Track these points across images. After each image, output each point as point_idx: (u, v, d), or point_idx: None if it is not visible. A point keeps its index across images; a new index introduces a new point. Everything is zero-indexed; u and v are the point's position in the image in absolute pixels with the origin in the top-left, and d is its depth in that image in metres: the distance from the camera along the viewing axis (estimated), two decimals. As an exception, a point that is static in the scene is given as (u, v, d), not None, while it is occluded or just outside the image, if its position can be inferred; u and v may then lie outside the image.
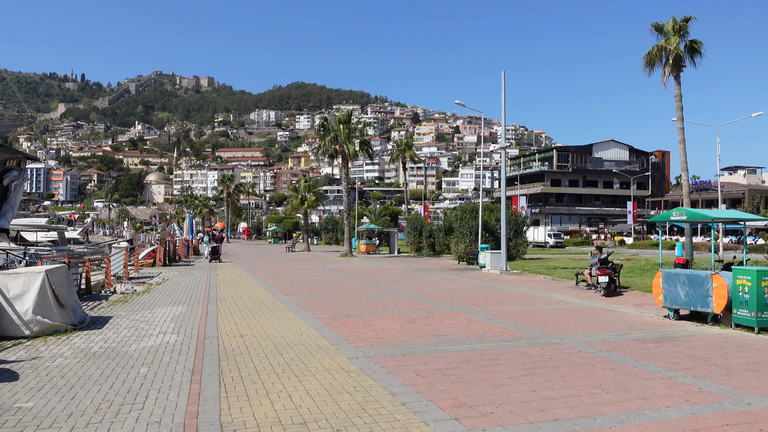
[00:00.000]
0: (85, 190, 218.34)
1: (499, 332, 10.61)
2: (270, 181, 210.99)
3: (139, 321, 11.63)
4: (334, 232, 69.98)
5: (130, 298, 15.65)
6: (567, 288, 18.76)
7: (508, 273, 24.83)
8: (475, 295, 16.47)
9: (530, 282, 20.88)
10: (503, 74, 25.90)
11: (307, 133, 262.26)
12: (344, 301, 15.00)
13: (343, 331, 10.56)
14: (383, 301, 14.92)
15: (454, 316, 12.56)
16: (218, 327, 10.93)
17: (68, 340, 9.68)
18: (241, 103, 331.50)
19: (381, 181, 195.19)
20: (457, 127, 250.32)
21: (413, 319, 12.08)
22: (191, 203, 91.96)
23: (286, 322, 11.59)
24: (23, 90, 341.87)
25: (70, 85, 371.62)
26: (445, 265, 30.37)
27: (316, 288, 18.30)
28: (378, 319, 12.06)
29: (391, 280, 21.17)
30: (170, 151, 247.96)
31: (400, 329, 10.81)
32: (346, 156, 38.97)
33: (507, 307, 14.01)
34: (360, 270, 26.67)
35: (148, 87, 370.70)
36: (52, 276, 10.39)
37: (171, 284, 19.45)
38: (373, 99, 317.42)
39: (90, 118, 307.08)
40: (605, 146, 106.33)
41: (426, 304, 14.41)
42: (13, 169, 32.00)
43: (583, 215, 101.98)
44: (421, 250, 45.56)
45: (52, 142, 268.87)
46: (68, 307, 10.77)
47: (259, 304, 14.27)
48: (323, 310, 13.30)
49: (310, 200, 50.63)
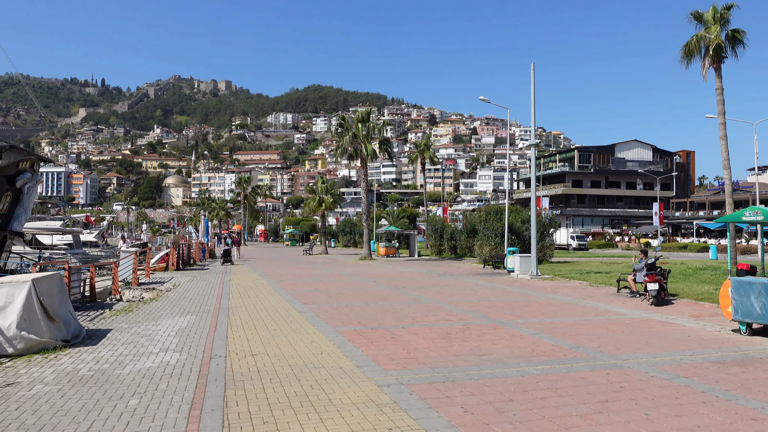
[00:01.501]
0: (105, 194, 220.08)
1: (549, 351, 9.18)
2: (287, 183, 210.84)
3: (140, 335, 10.39)
4: (351, 235, 68.74)
5: (136, 306, 14.46)
6: (608, 295, 17.21)
7: (539, 278, 23.29)
8: (511, 304, 15.01)
9: (565, 288, 19.34)
10: (532, 66, 24.41)
11: (324, 136, 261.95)
12: (367, 310, 13.65)
13: (369, 348, 9.21)
14: (411, 311, 13.53)
15: (493, 329, 11.14)
16: (227, 343, 9.64)
17: (56, 359, 8.45)
18: (259, 106, 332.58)
19: (398, 183, 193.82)
20: (474, 129, 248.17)
21: (447, 333, 10.68)
22: (208, 206, 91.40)
23: (303, 336, 10.27)
24: (45, 95, 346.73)
25: (90, 90, 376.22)
26: (469, 269, 28.90)
27: (335, 295, 16.98)
28: (407, 333, 10.68)
29: (416, 286, 19.77)
30: (188, 154, 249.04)
31: (434, 346, 9.43)
32: (365, 156, 37.65)
33: (550, 319, 12.54)
34: (381, 274, 25.31)
35: (167, 91, 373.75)
36: (41, 286, 9.19)
37: (181, 291, 18.27)
38: (390, 101, 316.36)
39: (110, 122, 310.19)
40: (628, 146, 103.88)
41: (459, 315, 13.00)
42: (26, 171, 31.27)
43: (605, 217, 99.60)
44: (442, 253, 44.07)
45: (73, 147, 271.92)
46: (60, 320, 9.56)
47: (274, 315, 12.98)
48: (345, 321, 11.97)
49: (327, 202, 49.40)
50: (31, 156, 32.41)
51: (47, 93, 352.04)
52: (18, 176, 30.83)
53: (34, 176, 32.46)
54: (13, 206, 31.74)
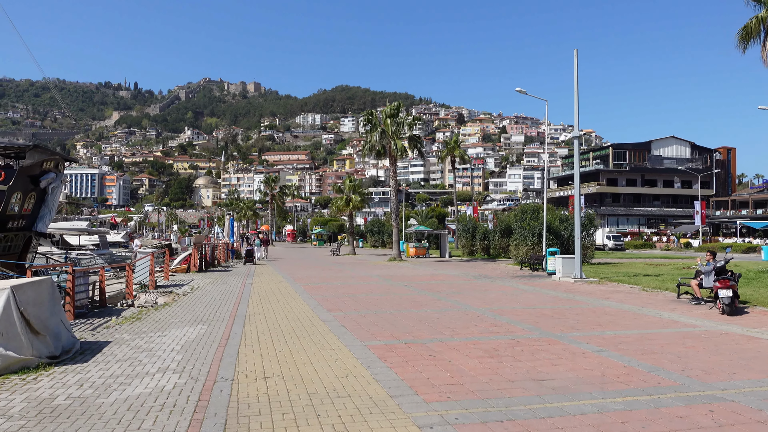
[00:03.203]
0: (137, 195, 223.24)
1: (623, 375, 7.53)
2: (315, 183, 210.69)
3: (140, 350, 9.06)
4: (379, 235, 67.32)
5: (146, 313, 13.21)
6: (668, 302, 15.36)
7: (584, 281, 21.45)
8: (561, 313, 13.32)
9: (617, 294, 17.51)
10: (575, 53, 22.57)
11: (352, 136, 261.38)
12: (400, 320, 12.12)
13: (404, 370, 7.69)
14: (449, 321, 11.96)
15: (548, 344, 9.51)
16: (237, 361, 8.22)
17: (34, 382, 7.15)
18: (287, 107, 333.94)
19: (426, 183, 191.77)
20: (503, 127, 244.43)
21: (495, 349, 9.09)
22: (236, 206, 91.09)
23: (327, 353, 8.80)
24: (80, 99, 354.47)
25: (123, 94, 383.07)
26: (506, 271, 27.15)
27: (364, 301, 15.50)
28: (448, 349, 9.13)
29: (451, 290, 18.17)
30: (218, 155, 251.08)
31: (481, 368, 7.86)
32: (394, 152, 36.13)
33: (611, 331, 10.84)
34: (413, 277, 23.76)
35: (197, 93, 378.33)
36: (23, 294, 7.92)
37: (199, 294, 17.03)
38: (417, 101, 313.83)
39: (142, 125, 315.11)
40: (665, 143, 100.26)
41: (504, 326, 11.38)
42: (51, 170, 30.58)
43: (641, 216, 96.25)
44: (474, 254, 42.29)
45: (107, 149, 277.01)
46: (48, 333, 8.28)
47: (295, 324, 11.56)
48: (375, 333, 10.47)
49: (355, 201, 48.07)
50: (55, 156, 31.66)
51: (82, 97, 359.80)
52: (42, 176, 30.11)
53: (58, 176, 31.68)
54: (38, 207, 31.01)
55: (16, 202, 28.39)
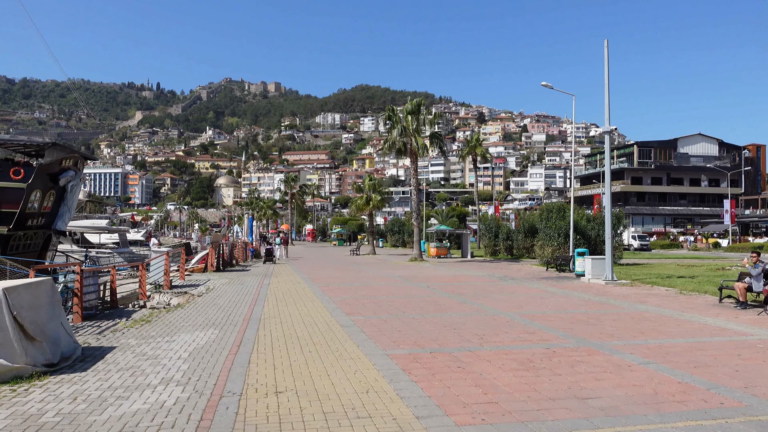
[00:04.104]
0: (160, 194, 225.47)
1: (679, 393, 6.66)
2: (335, 183, 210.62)
3: (144, 357, 8.42)
4: (400, 234, 66.54)
5: (157, 315, 12.63)
6: (710, 306, 14.33)
7: (615, 284, 20.42)
8: (597, 318, 12.41)
9: (653, 297, 16.50)
10: (606, 43, 21.55)
11: (372, 135, 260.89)
12: (424, 325, 11.34)
13: (431, 384, 6.91)
14: (476, 326, 11.15)
15: (588, 355, 8.65)
16: (248, 372, 7.52)
17: (25, 393, 6.53)
18: (307, 107, 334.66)
19: (446, 182, 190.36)
20: (524, 126, 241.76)
21: (530, 360, 8.27)
22: (256, 205, 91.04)
23: (345, 363, 8.06)
24: (104, 99, 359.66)
25: (146, 94, 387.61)
26: (531, 272, 26.18)
27: (385, 304, 14.74)
28: (477, 359, 8.32)
29: (476, 293, 17.32)
30: (239, 155, 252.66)
31: (517, 382, 7.05)
32: (415, 150, 35.30)
33: (655, 340, 9.93)
34: (435, 278, 22.94)
35: (219, 93, 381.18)
36: (17, 297, 7.32)
37: (214, 295, 16.43)
38: (438, 99, 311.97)
39: (164, 125, 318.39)
40: (691, 140, 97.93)
41: (537, 333, 10.53)
42: (70, 168, 30.38)
43: (667, 215, 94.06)
44: (497, 254, 41.29)
45: (130, 148, 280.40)
46: (45, 339, 7.68)
47: (312, 329, 10.85)
48: (397, 341, 9.70)
49: (375, 200, 47.35)
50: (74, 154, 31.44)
51: (106, 97, 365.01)
52: (61, 174, 29.89)
53: (77, 174, 31.43)
54: (57, 205, 30.83)
55: (36, 200, 28.29)
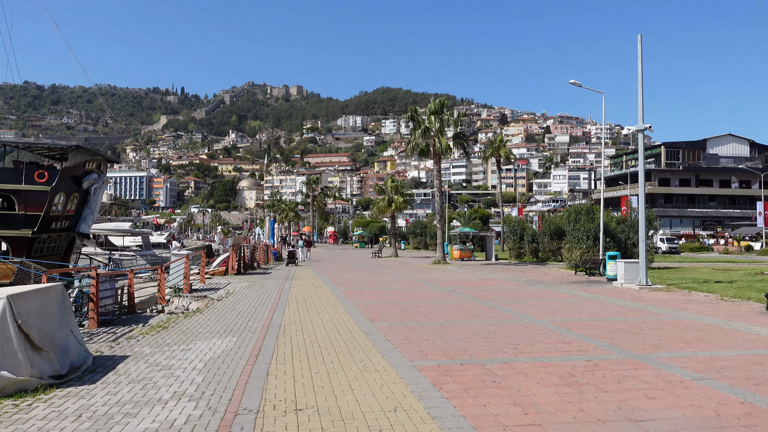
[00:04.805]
0: (184, 197, 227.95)
1: (744, 415, 5.94)
2: (356, 185, 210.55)
3: (158, 367, 7.95)
4: (422, 237, 65.81)
5: (175, 321, 12.20)
6: (756, 314, 13.44)
7: (650, 288, 19.52)
8: (637, 326, 11.63)
9: (693, 303, 15.62)
10: (639, 38, 20.68)
11: (393, 137, 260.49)
12: (452, 333, 10.70)
13: (464, 402, 6.29)
14: (509, 335, 10.47)
15: (634, 369, 7.94)
16: (265, 386, 6.98)
17: (27, 409, 6.07)
18: (329, 109, 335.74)
19: (468, 184, 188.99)
20: (547, 127, 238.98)
21: (571, 374, 7.59)
22: (278, 207, 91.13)
23: (370, 375, 7.48)
24: (130, 104, 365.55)
25: (171, 98, 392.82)
26: (559, 276, 25.33)
27: (410, 309, 14.13)
28: (513, 372, 7.68)
29: (505, 298, 16.60)
30: (261, 158, 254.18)
31: (559, 400, 6.40)
32: (438, 151, 34.61)
33: (705, 352, 9.16)
34: (460, 282, 22.25)
35: (241, 97, 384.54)
36: (23, 304, 6.89)
37: (234, 300, 16.00)
38: (459, 101, 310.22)
39: (188, 129, 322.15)
40: (721, 141, 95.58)
41: (575, 343, 9.83)
42: (93, 171, 30.37)
43: (696, 218, 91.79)
44: (522, 257, 40.38)
45: (155, 152, 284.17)
46: (53, 348, 7.24)
47: (334, 337, 10.30)
48: (425, 350, 9.09)
49: (397, 202, 46.74)
50: (97, 156, 31.39)
51: (132, 102, 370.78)
52: (85, 177, 29.84)
53: (100, 177, 31.36)
54: (81, 207, 30.80)
55: (60, 203, 28.31)
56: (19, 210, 26.40)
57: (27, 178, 26.71)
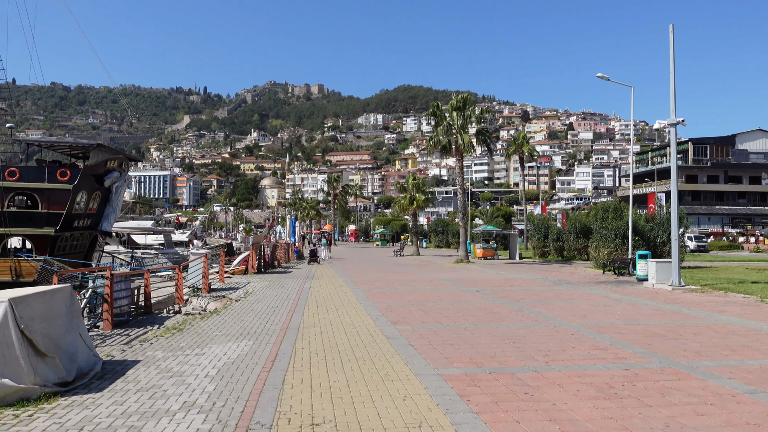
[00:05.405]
0: (206, 195, 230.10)
1: (811, 435, 5.31)
2: (377, 183, 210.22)
3: (169, 374, 7.56)
4: (443, 235, 65.13)
5: (191, 322, 11.86)
6: (803, 318, 12.64)
7: (683, 289, 18.69)
8: (675, 331, 10.95)
9: (731, 306, 14.82)
10: (671, 28, 19.82)
11: (414, 135, 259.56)
12: (478, 338, 10.16)
13: (496, 418, 5.76)
14: (539, 340, 9.89)
15: (678, 380, 7.32)
16: (281, 396, 6.54)
17: (28, 420, 5.70)
18: (350, 107, 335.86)
19: (490, 182, 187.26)
20: (570, 124, 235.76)
21: (609, 385, 7.01)
22: (299, 206, 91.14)
23: (393, 385, 6.98)
24: (154, 104, 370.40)
25: (194, 98, 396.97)
26: (587, 276, 24.55)
27: (433, 311, 13.60)
28: (547, 383, 7.12)
29: (532, 299, 15.98)
30: (283, 156, 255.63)
31: (600, 416, 5.83)
32: (461, 147, 33.94)
33: (754, 361, 8.47)
34: (484, 281, 21.63)
35: (263, 96, 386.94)
36: (25, 308, 6.55)
37: (252, 300, 15.65)
38: (480, 98, 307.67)
39: (211, 128, 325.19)
40: (751, 136, 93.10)
41: (610, 349, 9.21)
42: (115, 170, 30.38)
43: (725, 215, 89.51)
44: (546, 256, 39.52)
45: (178, 151, 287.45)
46: (58, 354, 6.89)
47: (354, 341, 9.83)
48: (450, 357, 8.57)
49: (419, 200, 46.16)
50: (118, 155, 31.38)
51: (156, 102, 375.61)
52: (106, 175, 29.85)
53: (122, 176, 31.35)
54: (103, 206, 30.83)
55: (82, 201, 28.36)
56: (42, 208, 26.50)
57: (50, 176, 26.79)
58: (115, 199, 31.26)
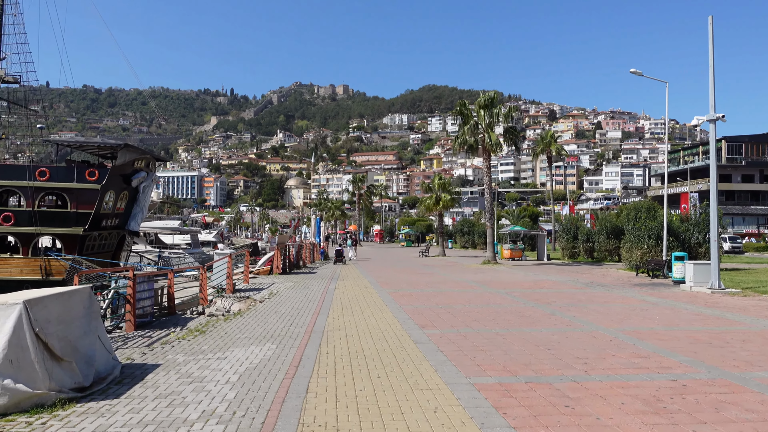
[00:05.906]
0: (233, 196, 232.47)
1: None
2: (402, 183, 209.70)
3: (189, 379, 7.28)
4: (469, 235, 64.37)
5: (214, 324, 11.62)
6: None
7: (723, 293, 17.88)
8: (721, 338, 10.31)
9: (778, 310, 14.03)
10: (710, 20, 19.00)
11: (439, 135, 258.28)
12: (511, 343, 9.68)
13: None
14: (575, 347, 9.37)
15: (731, 392, 6.77)
16: (304, 405, 6.18)
17: (42, 427, 5.44)
18: (375, 108, 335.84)
19: (516, 182, 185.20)
20: (598, 123, 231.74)
21: (656, 398, 6.50)
22: (324, 206, 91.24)
23: (423, 396, 6.57)
24: (182, 105, 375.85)
25: (221, 100, 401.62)
26: (619, 278, 23.77)
27: (462, 314, 13.14)
28: (588, 394, 6.63)
29: (564, 302, 15.39)
30: (308, 157, 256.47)
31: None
32: (488, 146, 33.31)
33: (812, 372, 7.85)
34: (513, 283, 21.06)
35: (289, 97, 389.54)
36: (41, 310, 6.31)
37: (277, 301, 15.38)
38: (506, 98, 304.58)
39: (238, 129, 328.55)
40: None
41: (652, 357, 8.65)
42: (142, 170, 30.54)
43: (760, 215, 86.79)
44: (575, 257, 38.62)
45: (206, 152, 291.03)
46: (75, 358, 6.65)
47: (381, 346, 9.44)
48: (482, 364, 8.12)
49: (445, 200, 45.60)
50: (146, 155, 31.55)
51: (184, 103, 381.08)
52: (134, 175, 30.02)
53: (149, 175, 31.50)
54: (130, 206, 31.02)
55: (110, 201, 28.57)
56: (71, 208, 26.76)
57: (78, 176, 27.04)
58: (143, 198, 31.45)
